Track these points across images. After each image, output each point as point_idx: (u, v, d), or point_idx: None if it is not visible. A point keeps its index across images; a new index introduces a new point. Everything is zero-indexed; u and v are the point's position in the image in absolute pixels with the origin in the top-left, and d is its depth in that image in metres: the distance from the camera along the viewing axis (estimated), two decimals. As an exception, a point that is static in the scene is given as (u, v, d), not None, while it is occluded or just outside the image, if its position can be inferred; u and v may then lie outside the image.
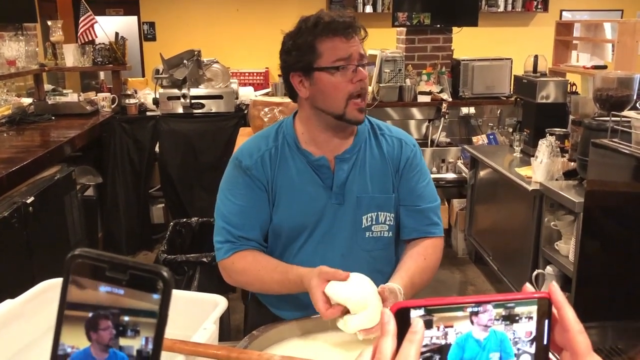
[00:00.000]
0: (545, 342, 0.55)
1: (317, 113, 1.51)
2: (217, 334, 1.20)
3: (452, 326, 0.52)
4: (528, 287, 0.58)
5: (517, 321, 0.53)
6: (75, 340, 0.46)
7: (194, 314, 1.23)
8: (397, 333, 0.51)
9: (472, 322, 0.52)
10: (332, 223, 1.54)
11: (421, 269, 1.51)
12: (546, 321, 0.54)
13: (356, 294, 1.21)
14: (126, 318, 0.46)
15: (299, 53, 1.45)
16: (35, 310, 1.20)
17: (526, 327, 0.54)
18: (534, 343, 0.54)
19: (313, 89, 1.47)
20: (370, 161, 1.55)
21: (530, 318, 0.54)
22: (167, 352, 1.06)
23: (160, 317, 0.45)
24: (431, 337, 0.52)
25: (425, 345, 0.51)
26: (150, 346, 0.45)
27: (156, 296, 0.46)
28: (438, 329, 0.52)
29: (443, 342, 0.52)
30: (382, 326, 0.52)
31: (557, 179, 3.23)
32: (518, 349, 0.54)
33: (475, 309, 0.52)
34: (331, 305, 1.23)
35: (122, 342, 0.46)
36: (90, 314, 0.46)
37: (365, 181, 1.54)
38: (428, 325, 0.51)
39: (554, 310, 0.55)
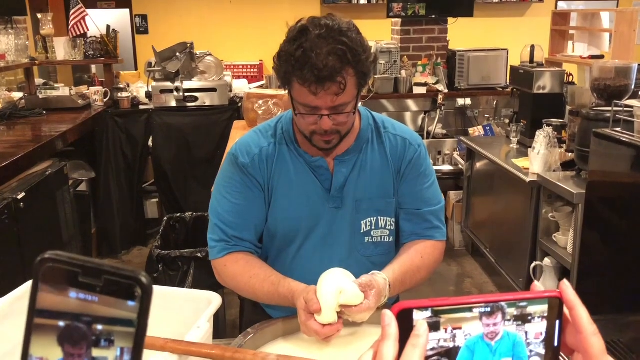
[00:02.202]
0: (555, 344, 0.51)
1: None
2: (211, 332, 1.17)
3: (460, 328, 0.48)
4: (537, 285, 0.54)
5: (529, 321, 0.50)
6: (45, 351, 0.42)
7: (188, 312, 1.20)
8: (399, 336, 0.47)
9: (482, 324, 0.49)
10: (330, 227, 1.47)
11: (416, 266, 1.45)
12: (557, 322, 0.51)
13: (328, 295, 1.23)
14: (100, 327, 0.42)
15: (280, 69, 1.32)
16: (25, 309, 1.16)
17: (537, 328, 0.50)
18: (544, 345, 0.51)
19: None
20: (371, 163, 1.48)
21: (544, 318, 0.50)
22: (159, 351, 1.03)
23: (139, 326, 0.42)
24: (438, 340, 0.48)
25: (432, 349, 0.48)
26: (126, 357, 0.42)
27: (132, 303, 0.42)
28: (446, 331, 0.48)
29: (451, 344, 0.48)
30: (382, 329, 0.48)
31: (554, 170, 3.21)
32: (530, 351, 0.50)
33: (485, 309, 0.49)
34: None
35: (95, 352, 0.42)
36: (62, 323, 0.42)
37: (365, 184, 1.47)
38: (435, 327, 0.48)
39: (565, 310, 0.52)
